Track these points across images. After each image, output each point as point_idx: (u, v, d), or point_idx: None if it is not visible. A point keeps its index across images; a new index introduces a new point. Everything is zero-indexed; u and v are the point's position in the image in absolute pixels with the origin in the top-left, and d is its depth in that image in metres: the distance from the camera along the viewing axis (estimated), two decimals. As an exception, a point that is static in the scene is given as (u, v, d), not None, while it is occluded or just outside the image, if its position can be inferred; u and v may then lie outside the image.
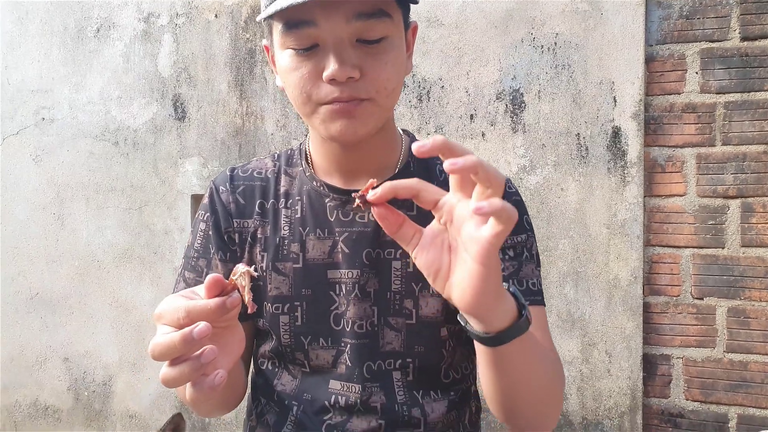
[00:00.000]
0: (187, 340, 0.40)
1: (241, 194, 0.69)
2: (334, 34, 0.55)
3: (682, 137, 1.49)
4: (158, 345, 0.42)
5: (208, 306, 0.42)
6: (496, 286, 0.46)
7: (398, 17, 0.59)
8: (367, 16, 0.55)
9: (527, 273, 0.65)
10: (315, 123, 0.60)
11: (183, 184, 1.81)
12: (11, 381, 1.96)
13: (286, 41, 0.57)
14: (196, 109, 1.79)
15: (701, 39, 1.47)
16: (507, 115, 1.57)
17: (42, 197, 1.91)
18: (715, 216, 1.46)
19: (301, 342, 0.67)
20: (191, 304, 0.42)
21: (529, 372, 0.55)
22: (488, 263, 0.43)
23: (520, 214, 0.67)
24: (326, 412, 0.66)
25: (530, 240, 0.68)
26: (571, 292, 1.53)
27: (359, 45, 0.56)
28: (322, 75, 0.56)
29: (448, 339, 0.67)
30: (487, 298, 0.45)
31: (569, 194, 1.53)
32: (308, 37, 0.56)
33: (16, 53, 1.93)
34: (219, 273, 0.68)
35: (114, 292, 1.86)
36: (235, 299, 0.43)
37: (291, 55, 0.58)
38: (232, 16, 1.76)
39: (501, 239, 0.42)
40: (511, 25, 1.55)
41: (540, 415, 0.60)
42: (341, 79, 0.55)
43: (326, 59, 0.56)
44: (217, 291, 0.43)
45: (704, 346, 1.47)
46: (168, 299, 0.45)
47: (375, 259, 0.66)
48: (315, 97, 0.57)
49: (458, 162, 0.41)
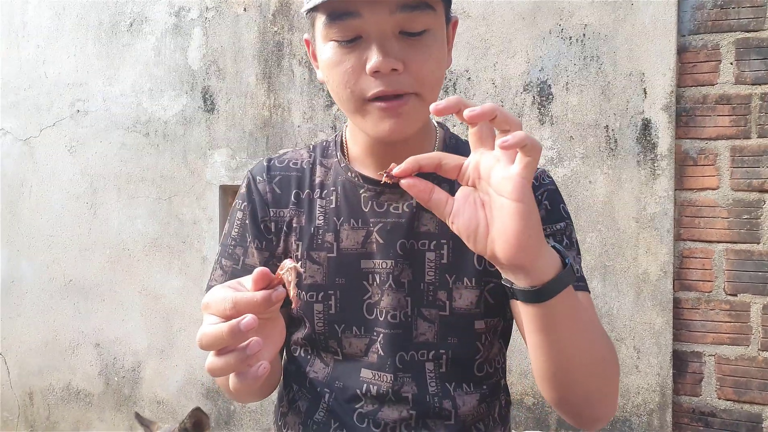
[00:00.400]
0: (235, 331, 0.41)
1: (278, 184, 0.70)
2: (378, 26, 0.55)
3: (715, 129, 1.45)
4: (206, 335, 0.43)
5: (254, 298, 0.43)
6: (536, 227, 0.46)
7: (441, 10, 0.59)
8: (411, 7, 0.55)
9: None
10: (360, 121, 0.60)
11: (212, 174, 1.84)
12: (46, 365, 2.02)
13: (329, 33, 0.57)
14: (224, 102, 1.83)
15: (736, 29, 1.43)
16: (534, 107, 1.56)
17: (76, 187, 1.97)
18: (750, 210, 1.43)
19: (334, 330, 0.68)
20: (238, 295, 0.43)
21: (581, 337, 0.53)
22: (524, 198, 0.44)
23: (557, 203, 0.67)
24: (358, 401, 0.67)
25: (569, 228, 0.67)
26: (599, 286, 1.51)
27: (402, 37, 0.56)
28: (365, 68, 0.56)
29: (484, 333, 0.67)
30: (530, 241, 0.45)
31: (597, 187, 1.51)
32: (352, 29, 0.56)
33: (53, 48, 1.99)
34: (255, 261, 0.69)
35: (143, 280, 1.91)
36: (281, 293, 0.44)
37: (334, 48, 0.57)
38: (260, 10, 1.79)
39: (532, 171, 0.43)
40: (539, 17, 1.54)
41: (596, 393, 0.56)
42: (385, 70, 0.55)
43: (369, 51, 0.55)
44: (264, 284, 0.44)
45: (738, 344, 1.44)
46: (215, 290, 0.46)
47: (409, 249, 0.66)
48: (359, 91, 0.57)
49: (476, 110, 0.43)
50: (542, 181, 0.68)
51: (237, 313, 0.43)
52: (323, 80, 0.63)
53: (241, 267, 0.70)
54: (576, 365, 0.54)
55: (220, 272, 0.71)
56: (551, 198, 0.67)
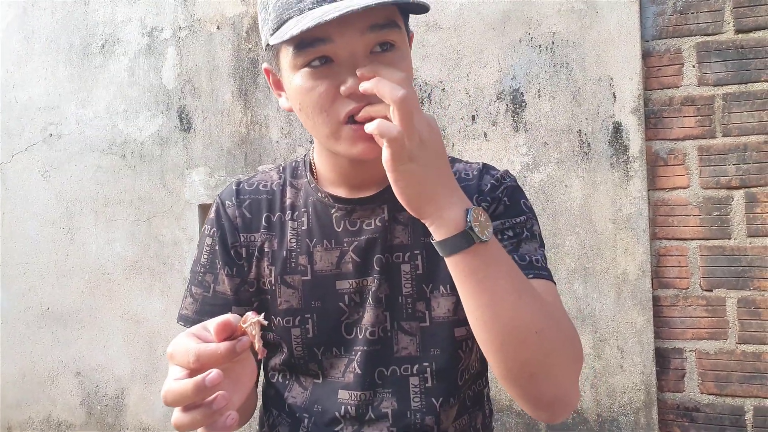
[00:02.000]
0: (200, 388, 0.41)
1: (248, 208, 0.70)
2: (350, 48, 0.55)
3: (682, 130, 1.50)
4: (170, 392, 0.43)
5: (218, 351, 0.43)
6: (419, 190, 0.52)
7: (403, 27, 0.60)
8: (380, 27, 0.55)
9: (528, 250, 0.64)
10: (334, 144, 0.59)
11: (190, 194, 1.82)
12: (24, 397, 1.96)
13: (298, 61, 0.56)
14: (201, 120, 1.82)
15: (696, 33, 1.49)
16: (508, 115, 1.59)
17: (51, 212, 1.94)
18: (720, 207, 1.47)
19: (314, 353, 0.67)
20: (201, 348, 0.43)
21: (503, 299, 0.52)
22: (392, 168, 0.51)
23: (516, 199, 0.68)
24: (337, 423, 0.66)
25: (530, 221, 0.67)
26: (580, 288, 1.53)
27: (372, 56, 0.56)
28: (339, 90, 0.55)
29: (465, 339, 0.67)
30: (415, 201, 0.52)
31: (574, 191, 1.54)
32: (322, 54, 0.56)
33: (23, 72, 1.96)
34: (225, 288, 0.68)
35: (124, 304, 1.87)
36: (245, 343, 0.44)
37: (305, 75, 0.56)
38: (233, 28, 1.79)
39: (394, 148, 0.49)
40: (509, 26, 1.58)
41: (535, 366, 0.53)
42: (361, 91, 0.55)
43: (343, 74, 0.55)
44: (226, 335, 0.44)
45: (716, 338, 1.47)
46: (179, 339, 0.45)
47: (385, 264, 0.66)
48: (335, 113, 0.57)
49: (364, 84, 0.52)
50: (503, 180, 0.70)
51: (201, 366, 0.42)
52: (288, 108, 0.63)
53: (212, 294, 0.69)
54: (500, 328, 0.52)
55: (191, 300, 0.71)
56: (510, 194, 0.68)
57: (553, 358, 0.54)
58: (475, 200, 0.67)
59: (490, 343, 0.53)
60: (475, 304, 0.53)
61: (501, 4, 1.58)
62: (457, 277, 0.53)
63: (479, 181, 0.69)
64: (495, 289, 0.52)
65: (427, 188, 0.51)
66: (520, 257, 0.63)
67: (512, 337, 0.52)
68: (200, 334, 0.46)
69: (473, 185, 0.69)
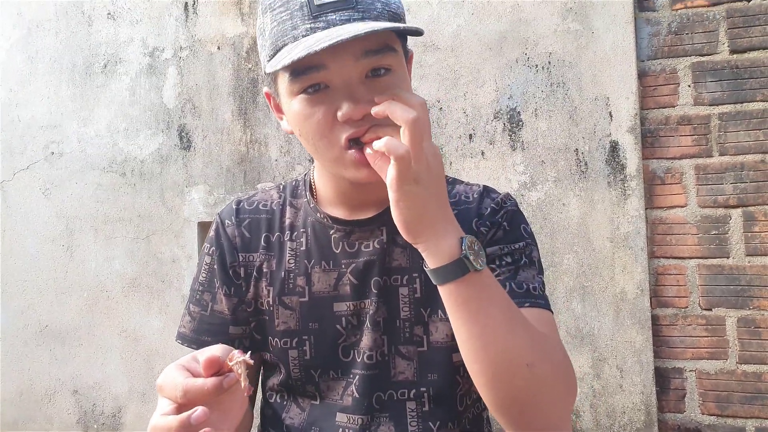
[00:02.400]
0: (185, 425, 0.42)
1: (247, 228, 0.70)
2: (345, 75, 0.55)
3: (679, 149, 1.51)
4: (156, 428, 0.44)
5: (204, 387, 0.43)
6: (418, 214, 0.51)
7: (401, 50, 0.60)
8: (374, 52, 0.56)
9: (526, 277, 0.64)
10: (338, 168, 0.60)
11: (189, 212, 1.83)
12: (21, 416, 1.95)
13: (294, 88, 0.57)
14: (201, 139, 1.83)
15: (691, 53, 1.50)
16: (505, 134, 1.60)
17: (51, 230, 1.94)
18: (718, 226, 1.47)
19: (311, 375, 0.67)
20: (188, 384, 0.44)
21: (493, 330, 0.52)
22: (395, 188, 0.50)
23: (517, 224, 0.68)
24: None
25: (529, 247, 0.67)
26: (579, 306, 1.53)
27: (368, 81, 0.57)
28: (336, 116, 0.56)
29: (463, 365, 0.66)
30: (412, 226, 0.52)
31: (571, 209, 1.54)
32: (318, 80, 0.56)
33: (26, 91, 1.99)
34: (223, 307, 0.68)
35: (123, 322, 1.87)
36: (232, 380, 0.44)
37: (303, 101, 0.57)
38: (234, 48, 1.82)
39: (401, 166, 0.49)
40: (505, 47, 1.59)
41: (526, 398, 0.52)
42: (357, 117, 0.55)
43: (339, 100, 0.55)
44: (214, 370, 0.44)
45: (716, 358, 1.46)
46: (169, 370, 0.46)
47: (383, 287, 0.66)
48: (335, 139, 0.57)
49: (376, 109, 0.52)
50: (503, 204, 0.69)
51: (188, 401, 0.43)
52: (289, 131, 0.63)
53: (209, 313, 0.69)
54: (491, 360, 0.52)
55: (189, 318, 0.71)
56: (510, 219, 0.68)
57: (544, 392, 0.53)
58: (475, 224, 0.67)
59: (481, 374, 0.53)
60: (467, 334, 0.53)
61: (498, 25, 1.60)
62: (449, 306, 0.53)
63: (479, 204, 0.69)
64: (487, 320, 0.52)
65: (428, 213, 0.52)
66: (518, 285, 0.63)
67: (503, 369, 0.52)
68: (190, 366, 0.46)
69: (473, 208, 0.69)
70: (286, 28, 0.56)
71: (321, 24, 0.54)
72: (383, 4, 0.57)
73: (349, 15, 0.55)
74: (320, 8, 0.54)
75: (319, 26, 0.54)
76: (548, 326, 0.61)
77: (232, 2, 1.83)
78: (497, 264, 0.64)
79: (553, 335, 0.62)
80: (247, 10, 1.82)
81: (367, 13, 0.55)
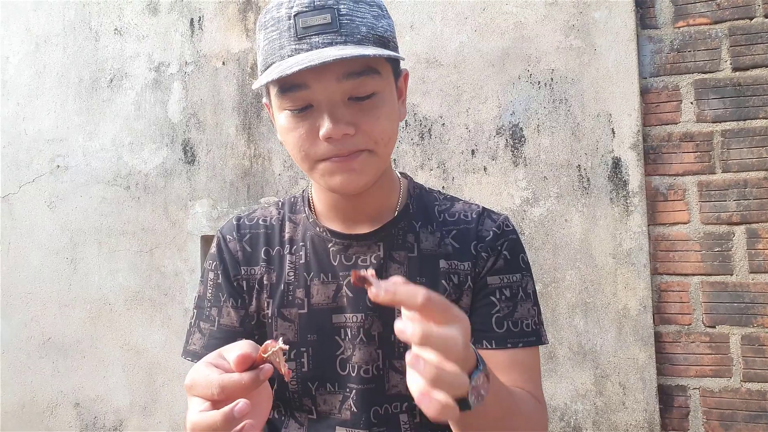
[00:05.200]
0: (229, 419, 0.41)
1: (248, 242, 0.71)
2: (327, 95, 0.57)
3: (681, 166, 1.51)
4: (199, 425, 0.43)
5: (242, 381, 0.43)
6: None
7: (387, 72, 0.61)
8: (356, 74, 0.57)
9: (522, 314, 0.66)
10: (316, 177, 0.62)
11: (193, 225, 1.84)
12: (22, 428, 1.95)
13: (282, 104, 0.60)
14: (205, 153, 1.85)
15: (694, 70, 1.51)
16: (507, 150, 1.60)
17: (56, 242, 1.96)
18: (721, 243, 1.47)
19: (308, 388, 0.67)
20: (226, 379, 0.43)
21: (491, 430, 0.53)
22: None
23: (516, 253, 0.69)
24: None
25: (525, 279, 0.68)
26: (581, 323, 1.52)
27: (351, 102, 0.58)
28: (318, 134, 0.58)
29: None
30: None
31: (573, 225, 1.54)
32: (302, 99, 0.58)
33: (33, 105, 2.01)
34: (232, 320, 0.69)
35: (125, 335, 1.87)
36: (268, 371, 0.44)
37: (287, 117, 0.60)
38: (238, 63, 1.83)
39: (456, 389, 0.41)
40: (508, 63, 1.60)
41: None
42: (337, 137, 0.57)
43: (321, 119, 0.58)
44: (246, 366, 0.44)
45: (720, 376, 1.45)
46: (198, 369, 0.45)
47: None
48: (313, 154, 0.60)
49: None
50: (505, 229, 0.70)
51: (226, 397, 0.43)
52: (282, 142, 0.66)
53: (217, 328, 0.70)
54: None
55: (199, 335, 0.71)
56: (511, 248, 0.69)
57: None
58: (474, 246, 0.68)
59: None
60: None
61: (500, 41, 1.61)
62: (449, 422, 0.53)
63: (478, 226, 0.70)
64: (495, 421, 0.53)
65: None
66: (514, 323, 0.65)
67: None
68: (218, 363, 0.45)
69: (472, 228, 0.69)
70: (275, 47, 0.58)
71: (305, 46, 0.56)
72: (369, 28, 0.58)
73: (331, 38, 0.56)
74: (305, 30, 0.56)
75: (303, 48, 0.56)
76: (532, 367, 0.64)
77: (237, 18, 1.85)
78: (497, 297, 0.66)
79: (534, 379, 0.64)
80: (252, 26, 1.84)
81: (350, 36, 0.57)
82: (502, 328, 0.64)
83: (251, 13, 1.84)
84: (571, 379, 1.52)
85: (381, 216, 0.69)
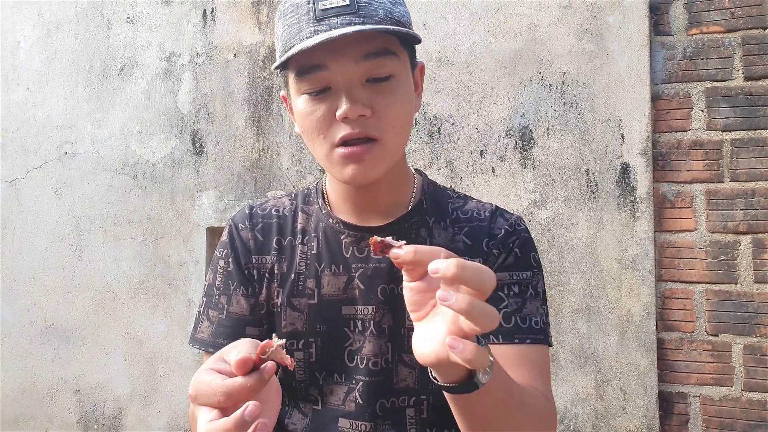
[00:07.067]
0: (241, 424, 0.41)
1: (260, 231, 0.71)
2: (345, 76, 0.58)
3: (690, 173, 1.51)
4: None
5: (247, 385, 0.42)
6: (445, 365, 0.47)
7: (404, 57, 0.62)
8: (374, 55, 0.58)
9: (531, 311, 0.66)
10: (329, 167, 0.63)
11: (199, 216, 1.84)
12: (22, 413, 1.95)
13: (300, 87, 0.60)
14: (213, 144, 1.85)
15: (705, 78, 1.51)
16: (517, 151, 1.60)
17: (61, 229, 1.96)
18: (727, 252, 1.47)
19: (315, 377, 0.68)
20: (230, 385, 0.42)
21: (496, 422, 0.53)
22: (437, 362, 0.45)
23: (527, 251, 0.69)
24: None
25: (536, 277, 0.68)
26: (584, 327, 1.52)
27: (369, 85, 0.59)
28: (335, 115, 0.59)
29: None
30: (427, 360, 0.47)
31: (580, 229, 1.54)
32: (320, 81, 0.59)
33: (43, 91, 2.01)
34: (242, 308, 0.69)
35: (127, 323, 1.88)
36: (271, 368, 0.43)
37: (306, 100, 0.61)
38: (250, 56, 1.83)
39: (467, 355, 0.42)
40: (520, 65, 1.60)
41: None
42: (353, 116, 0.58)
43: (338, 100, 0.58)
44: (247, 369, 0.43)
45: (721, 384, 1.45)
46: (200, 377, 0.44)
47: (390, 294, 0.67)
48: (330, 136, 0.60)
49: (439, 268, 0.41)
50: (517, 227, 0.70)
51: (233, 403, 0.42)
52: (300, 133, 0.66)
53: (226, 316, 0.70)
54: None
55: (207, 323, 0.71)
56: (522, 246, 0.69)
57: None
58: (486, 244, 0.68)
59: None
60: (467, 425, 0.54)
61: (513, 43, 1.61)
62: (453, 407, 0.53)
63: (491, 224, 0.70)
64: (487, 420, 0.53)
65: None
66: (522, 319, 0.64)
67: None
68: (220, 368, 0.45)
69: (485, 227, 0.70)
70: (294, 31, 0.59)
71: (323, 27, 0.57)
72: (386, 12, 0.59)
73: (350, 19, 0.57)
74: (324, 12, 0.57)
75: (322, 29, 0.57)
76: (541, 365, 0.64)
77: (250, 11, 1.85)
78: (505, 293, 0.66)
79: (544, 377, 0.64)
80: (265, 19, 1.84)
81: (368, 18, 0.58)
82: (510, 323, 0.64)
83: (264, 6, 1.84)
84: (572, 382, 1.52)
85: (394, 210, 0.69)
